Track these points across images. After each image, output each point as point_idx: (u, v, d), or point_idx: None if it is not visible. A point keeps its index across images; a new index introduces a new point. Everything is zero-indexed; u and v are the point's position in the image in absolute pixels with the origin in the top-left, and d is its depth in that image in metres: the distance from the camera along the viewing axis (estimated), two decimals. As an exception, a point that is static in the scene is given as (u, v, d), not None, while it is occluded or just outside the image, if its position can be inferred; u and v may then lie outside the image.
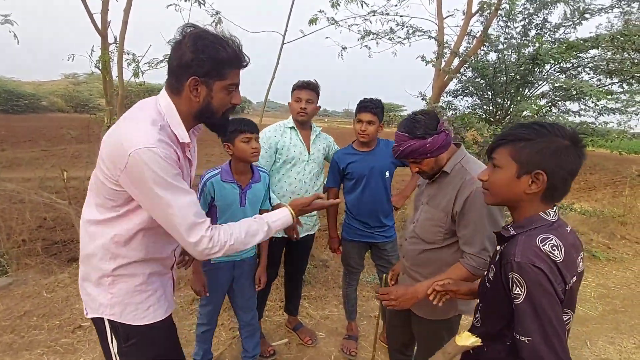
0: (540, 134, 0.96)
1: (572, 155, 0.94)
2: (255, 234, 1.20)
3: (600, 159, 14.33)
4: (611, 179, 11.22)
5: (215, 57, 1.07)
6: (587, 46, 3.69)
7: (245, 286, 2.06)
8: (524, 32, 4.23)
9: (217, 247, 1.11)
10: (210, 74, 1.09)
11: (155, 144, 1.02)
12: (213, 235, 1.10)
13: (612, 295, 3.66)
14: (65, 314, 2.69)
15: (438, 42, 4.11)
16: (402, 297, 1.41)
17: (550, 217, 0.98)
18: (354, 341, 2.58)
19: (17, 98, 21.87)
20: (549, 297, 0.87)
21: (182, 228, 1.07)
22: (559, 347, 0.86)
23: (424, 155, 1.40)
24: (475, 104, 4.50)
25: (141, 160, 1.00)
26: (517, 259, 0.90)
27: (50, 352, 2.33)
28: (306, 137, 2.34)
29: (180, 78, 1.10)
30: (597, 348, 2.78)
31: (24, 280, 3.06)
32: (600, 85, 4.07)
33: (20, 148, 9.40)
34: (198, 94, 1.11)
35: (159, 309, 1.24)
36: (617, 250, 4.82)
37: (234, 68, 1.13)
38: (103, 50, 3.08)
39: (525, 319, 0.89)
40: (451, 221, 1.44)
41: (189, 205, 1.08)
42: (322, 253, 3.93)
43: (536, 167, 0.95)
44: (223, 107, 1.16)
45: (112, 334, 1.20)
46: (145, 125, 1.06)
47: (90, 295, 1.19)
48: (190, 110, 1.14)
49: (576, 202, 6.31)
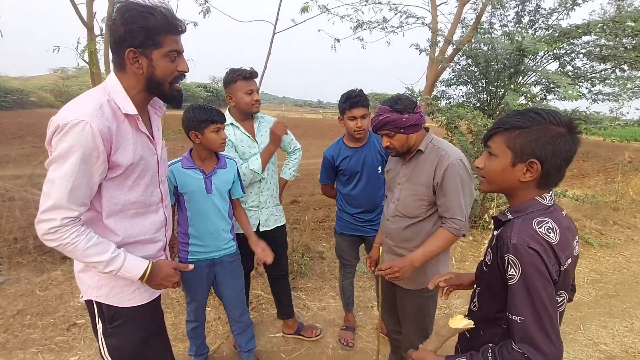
0: (535, 122, 0.96)
1: (567, 142, 0.94)
2: (97, 254, 1.11)
3: (593, 147, 14.47)
4: (603, 166, 11.34)
5: (146, 26, 1.07)
6: (580, 32, 3.68)
7: (230, 283, 2.02)
8: (518, 18, 4.21)
9: (54, 240, 1.07)
10: (145, 43, 1.09)
11: (86, 117, 1.03)
12: (62, 227, 1.06)
13: (604, 280, 3.71)
14: (59, 312, 2.67)
15: (432, 29, 4.07)
16: (403, 268, 1.54)
17: (547, 201, 1.00)
18: (351, 332, 2.59)
19: (5, 94, 21.42)
20: (542, 278, 0.89)
21: (46, 200, 1.05)
22: (550, 327, 0.87)
23: (397, 130, 1.54)
24: (469, 93, 4.49)
25: (72, 130, 1.02)
26: (512, 241, 0.92)
27: (45, 351, 2.31)
28: (249, 128, 2.20)
29: (119, 53, 1.11)
30: (590, 332, 2.83)
31: (16, 279, 3.02)
32: (593, 72, 4.07)
33: (9, 145, 9.23)
34: (140, 65, 1.12)
35: (145, 292, 1.28)
36: (609, 236, 4.89)
37: (169, 34, 1.12)
38: (89, 42, 3.00)
39: (518, 299, 0.90)
40: (432, 193, 1.59)
41: (72, 188, 1.05)
42: (318, 245, 3.93)
43: (530, 156, 0.95)
44: (169, 76, 1.16)
45: (99, 315, 1.25)
46: (84, 101, 1.09)
47: (81, 279, 1.25)
48: (138, 84, 1.15)
49: (569, 189, 6.37)
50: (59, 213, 1.05)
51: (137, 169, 1.19)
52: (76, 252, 1.09)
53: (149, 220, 1.28)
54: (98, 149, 1.06)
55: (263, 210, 2.26)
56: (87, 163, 1.05)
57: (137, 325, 1.28)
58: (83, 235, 1.10)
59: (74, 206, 1.06)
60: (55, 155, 1.05)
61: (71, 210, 1.06)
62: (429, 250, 1.56)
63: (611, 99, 4.04)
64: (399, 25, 4.19)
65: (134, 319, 1.27)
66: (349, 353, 2.47)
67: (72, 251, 1.09)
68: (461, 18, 4.24)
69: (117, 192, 1.18)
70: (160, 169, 1.32)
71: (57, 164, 1.05)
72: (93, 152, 1.05)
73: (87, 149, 1.04)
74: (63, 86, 24.99)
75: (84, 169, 1.05)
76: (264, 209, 2.26)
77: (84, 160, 1.04)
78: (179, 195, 1.84)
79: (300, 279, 3.33)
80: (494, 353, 0.93)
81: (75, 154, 1.03)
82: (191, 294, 2.00)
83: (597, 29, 3.59)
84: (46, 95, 24.53)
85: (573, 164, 7.31)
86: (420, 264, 1.56)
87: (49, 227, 1.05)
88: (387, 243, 1.78)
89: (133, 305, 1.26)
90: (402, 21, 4.18)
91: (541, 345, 0.86)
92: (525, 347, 0.88)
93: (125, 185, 1.19)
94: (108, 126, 1.08)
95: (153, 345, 1.35)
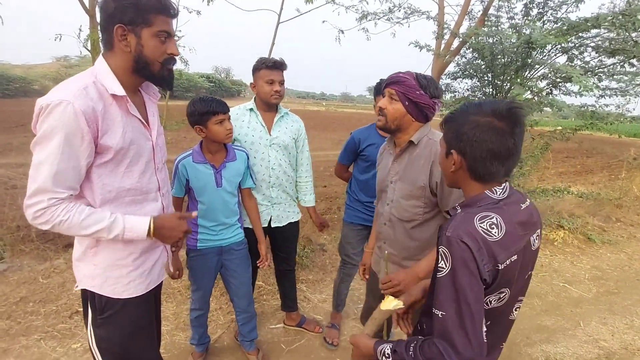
0: (460, 113, 0.98)
1: (489, 132, 0.91)
2: (95, 223, 1.09)
3: (598, 143, 14.36)
4: (608, 163, 11.26)
5: (137, 3, 1.06)
6: (589, 25, 3.61)
7: (237, 272, 2.04)
8: (526, 11, 4.13)
9: (46, 222, 1.05)
10: (135, 20, 1.08)
11: (69, 98, 1.01)
12: (50, 207, 1.04)
13: (606, 277, 3.71)
14: (62, 300, 2.69)
15: (438, 22, 4.01)
16: (404, 281, 1.40)
17: (497, 195, 0.96)
18: (336, 330, 2.52)
19: (7, 82, 21.42)
20: (470, 276, 0.85)
21: (31, 184, 1.04)
22: (470, 328, 0.84)
23: (403, 97, 1.40)
24: (475, 87, 4.43)
25: (54, 110, 1.00)
26: (447, 233, 0.89)
27: (47, 338, 2.34)
28: (269, 120, 2.15)
29: (108, 30, 1.09)
30: (590, 328, 2.83)
31: (19, 267, 3.04)
32: (602, 66, 4.01)
33: (11, 133, 9.24)
34: (128, 43, 1.10)
35: (140, 284, 1.26)
36: (611, 232, 4.87)
37: (160, 14, 1.11)
38: (91, 30, 2.97)
39: (443, 294, 0.88)
40: (430, 194, 1.44)
41: (57, 171, 1.02)
42: (320, 237, 3.93)
43: (451, 147, 0.98)
44: (159, 57, 1.14)
45: (90, 304, 1.23)
46: (70, 83, 1.07)
47: (77, 267, 1.24)
48: (126, 64, 1.13)
49: (572, 185, 6.33)
50: (45, 195, 1.03)
51: (129, 153, 1.16)
52: (73, 228, 1.07)
53: (147, 209, 1.25)
54: (82, 130, 1.03)
55: (275, 206, 2.23)
56: (71, 145, 1.03)
57: (127, 317, 1.25)
58: (74, 210, 1.07)
59: (60, 189, 1.04)
60: (38, 136, 1.03)
61: (57, 192, 1.04)
62: (435, 258, 1.42)
63: (618, 94, 3.99)
64: (404, 17, 4.13)
65: (125, 311, 1.24)
66: (348, 344, 2.48)
67: (69, 227, 1.07)
68: (468, 10, 4.17)
69: (110, 179, 1.15)
70: (155, 155, 1.28)
71: (40, 145, 1.03)
72: (77, 132, 1.03)
73: (70, 130, 1.02)
74: (66, 74, 24.91)
75: (69, 151, 1.03)
76: (276, 205, 2.23)
77: (68, 141, 1.02)
78: (189, 188, 1.85)
79: (302, 271, 3.33)
80: (416, 346, 0.91)
81: (58, 135, 1.01)
82: (197, 281, 2.01)
83: (606, 23, 3.52)
84: (49, 84, 24.47)
85: (576, 160, 7.30)
86: (425, 275, 1.37)
87: (36, 210, 1.03)
88: (386, 249, 1.60)
89: (127, 297, 1.23)
90: (407, 11, 4.11)
91: (457, 344, 0.84)
92: (442, 343, 0.86)
93: (118, 172, 1.16)
94: (92, 106, 1.05)
95: (141, 339, 1.32)
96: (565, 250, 4.27)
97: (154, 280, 1.32)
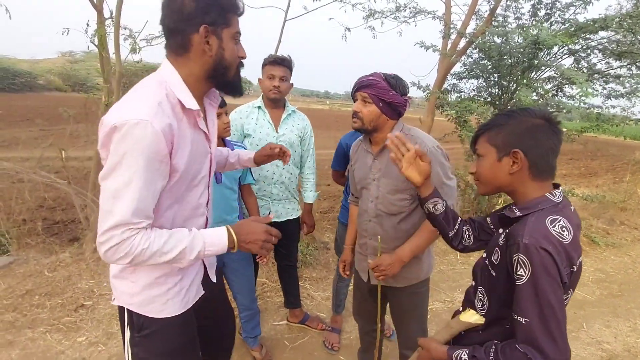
0: (511, 117, 1.02)
1: (546, 132, 0.98)
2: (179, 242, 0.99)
3: (603, 145, 14.27)
4: (612, 165, 11.20)
5: (220, 2, 0.97)
6: (596, 27, 3.59)
7: (238, 270, 2.04)
8: (534, 12, 4.11)
9: (123, 256, 0.94)
10: (217, 21, 0.97)
11: (149, 117, 0.90)
12: (125, 240, 0.92)
13: (609, 279, 3.70)
14: (67, 293, 2.71)
15: (445, 22, 3.99)
16: (391, 265, 1.50)
17: (556, 198, 0.98)
18: (336, 334, 2.49)
19: (13, 76, 21.50)
20: (552, 281, 0.86)
21: (107, 218, 0.92)
22: (557, 331, 0.86)
23: (377, 99, 1.46)
24: (481, 87, 4.42)
25: (131, 132, 0.89)
26: (525, 240, 0.89)
27: (53, 330, 2.36)
28: (276, 117, 2.18)
29: (185, 33, 0.97)
30: (593, 331, 2.82)
31: (25, 260, 3.07)
32: (609, 68, 3.98)
33: (18, 127, 9.29)
34: (210, 46, 0.99)
35: (178, 303, 1.17)
36: (616, 235, 4.85)
37: (234, 14, 1.02)
38: (99, 25, 2.98)
39: (526, 300, 0.88)
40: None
41: (138, 200, 0.91)
42: (323, 235, 3.94)
43: (512, 147, 0.99)
44: (235, 60, 1.05)
45: (128, 322, 1.17)
46: (142, 99, 0.96)
47: (114, 285, 1.16)
48: (203, 69, 1.02)
49: (576, 188, 6.30)
50: (120, 229, 0.91)
51: (192, 172, 1.06)
52: (154, 256, 0.96)
53: (192, 225, 1.14)
54: (162, 152, 0.93)
55: (275, 203, 2.25)
56: (151, 170, 0.92)
57: (165, 336, 1.18)
58: (153, 234, 0.96)
59: (136, 219, 0.93)
60: (112, 161, 0.90)
61: (136, 224, 0.93)
62: (416, 243, 1.52)
63: (625, 97, 3.97)
64: (411, 16, 4.12)
65: (163, 330, 1.17)
66: (352, 342, 2.49)
67: (151, 256, 0.96)
68: (475, 9, 4.16)
69: (171, 201, 1.04)
70: (211, 170, 1.19)
71: (116, 172, 0.90)
72: (157, 156, 0.92)
73: (151, 153, 0.91)
74: (71, 69, 25.00)
75: (150, 178, 0.92)
76: (276, 201, 2.25)
77: (148, 166, 0.91)
78: None
79: (305, 268, 3.35)
80: (497, 350, 0.92)
81: (138, 159, 0.89)
82: None
83: (614, 24, 3.50)
84: (54, 79, 24.57)
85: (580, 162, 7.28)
86: (409, 259, 1.51)
87: (111, 246, 0.92)
88: (373, 245, 1.63)
89: (165, 316, 1.15)
90: (412, 11, 4.09)
91: (546, 349, 0.85)
92: (528, 348, 0.86)
93: (180, 192, 1.05)
94: (169, 124, 0.94)
95: (184, 357, 1.25)
96: (568, 252, 4.26)
97: (192, 299, 1.24)
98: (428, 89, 4.01)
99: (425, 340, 1.11)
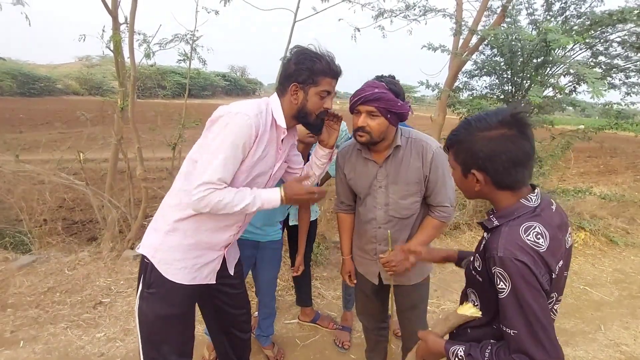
0: (467, 133, 0.98)
1: (505, 143, 0.92)
2: (243, 199, 1.30)
3: (623, 142, 13.84)
4: (632, 163, 10.86)
5: (312, 68, 1.31)
6: (614, 20, 3.49)
7: (267, 270, 2.12)
8: (548, 6, 4.02)
9: (205, 205, 1.25)
10: (306, 81, 1.33)
11: (249, 113, 1.25)
12: (207, 195, 1.24)
13: (629, 280, 3.59)
14: (86, 291, 2.80)
15: (456, 19, 3.94)
16: (400, 261, 1.52)
17: (532, 203, 0.96)
18: (347, 332, 2.49)
19: (33, 81, 22.21)
20: (532, 290, 0.86)
21: (201, 174, 1.24)
22: (545, 339, 0.86)
23: (385, 112, 1.40)
24: (493, 84, 4.35)
25: (232, 118, 1.25)
26: (499, 254, 0.89)
27: (73, 326, 2.44)
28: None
29: (285, 85, 1.36)
30: (611, 332, 2.76)
31: (46, 258, 3.18)
32: (628, 61, 3.86)
33: (38, 131, 9.61)
34: (297, 97, 1.36)
35: (188, 274, 1.38)
36: (636, 235, 4.70)
37: (327, 77, 1.35)
38: (114, 31, 3.06)
39: (510, 312, 0.89)
40: (424, 187, 1.56)
41: (224, 167, 1.25)
42: (334, 235, 3.95)
43: (470, 167, 0.98)
44: (316, 110, 1.38)
45: (143, 275, 1.37)
46: (247, 103, 1.32)
47: (149, 234, 1.41)
48: (291, 111, 1.38)
49: (595, 186, 6.14)
50: (208, 186, 1.23)
51: (252, 174, 1.36)
52: (227, 206, 1.27)
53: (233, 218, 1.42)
54: (249, 141, 1.26)
55: (294, 206, 2.28)
56: (238, 149, 1.25)
57: (167, 301, 1.36)
58: (224, 192, 1.26)
59: (220, 182, 1.25)
60: (218, 131, 1.25)
61: (217, 184, 1.25)
62: (422, 240, 1.56)
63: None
64: (421, 14, 4.08)
65: (167, 294, 1.36)
66: (362, 341, 2.49)
67: (224, 206, 1.26)
68: (487, 5, 4.09)
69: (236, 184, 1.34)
70: (267, 185, 1.46)
71: (217, 140, 1.24)
72: (246, 142, 1.26)
73: (243, 138, 1.24)
74: (88, 74, 25.66)
75: (236, 155, 1.26)
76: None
77: (236, 146, 1.24)
78: None
79: (316, 268, 3.37)
80: (492, 352, 0.93)
81: (234, 138, 1.23)
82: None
83: (633, 17, 3.39)
84: (71, 83, 25.29)
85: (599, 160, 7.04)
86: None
87: (199, 198, 1.23)
88: (383, 249, 1.63)
89: (173, 280, 1.35)
90: (421, 10, 4.05)
91: (536, 356, 0.86)
92: (520, 356, 0.88)
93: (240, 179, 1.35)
94: (260, 125, 1.28)
95: (173, 326, 1.40)
96: (585, 252, 4.16)
97: (200, 278, 1.42)
98: (438, 88, 3.97)
99: (424, 332, 1.13)
